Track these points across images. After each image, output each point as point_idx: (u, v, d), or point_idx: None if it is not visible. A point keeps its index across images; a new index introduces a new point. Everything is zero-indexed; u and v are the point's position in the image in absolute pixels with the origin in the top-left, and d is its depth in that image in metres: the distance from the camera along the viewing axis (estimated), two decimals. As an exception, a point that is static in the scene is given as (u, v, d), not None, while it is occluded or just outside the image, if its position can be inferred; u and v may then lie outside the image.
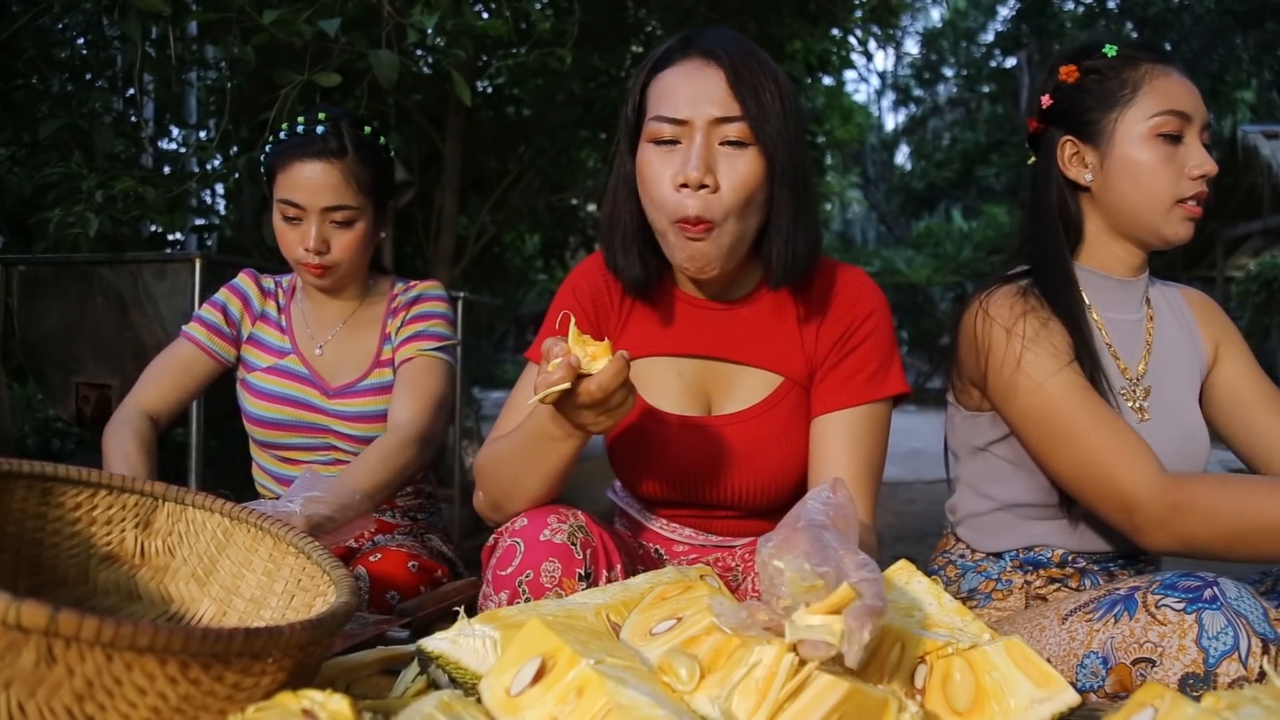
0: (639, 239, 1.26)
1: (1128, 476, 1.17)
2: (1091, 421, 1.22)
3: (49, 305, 2.69)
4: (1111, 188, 1.35)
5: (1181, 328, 1.46)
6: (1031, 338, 1.28)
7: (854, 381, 1.27)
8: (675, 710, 0.68)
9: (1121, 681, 1.04)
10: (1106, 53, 1.34)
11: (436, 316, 1.70)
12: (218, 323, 1.70)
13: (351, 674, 0.95)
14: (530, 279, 8.35)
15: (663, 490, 1.34)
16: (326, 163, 1.56)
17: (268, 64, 2.82)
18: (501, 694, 0.73)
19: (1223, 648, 0.99)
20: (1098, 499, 1.22)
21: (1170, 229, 1.33)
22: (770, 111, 1.15)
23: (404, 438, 1.52)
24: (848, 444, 1.25)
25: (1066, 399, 1.25)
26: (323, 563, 0.97)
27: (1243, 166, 11.00)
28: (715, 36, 1.19)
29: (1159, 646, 1.02)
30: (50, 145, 2.83)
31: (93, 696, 0.64)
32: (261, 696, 0.72)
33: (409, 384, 1.61)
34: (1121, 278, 1.40)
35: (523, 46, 3.46)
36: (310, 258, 1.59)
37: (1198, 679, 0.98)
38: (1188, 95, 1.32)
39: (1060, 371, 1.26)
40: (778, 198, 1.20)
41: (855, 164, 26.64)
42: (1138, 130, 1.31)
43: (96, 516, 1.02)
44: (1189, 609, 1.02)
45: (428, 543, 1.72)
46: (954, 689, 0.80)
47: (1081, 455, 1.22)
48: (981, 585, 1.40)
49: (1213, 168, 1.31)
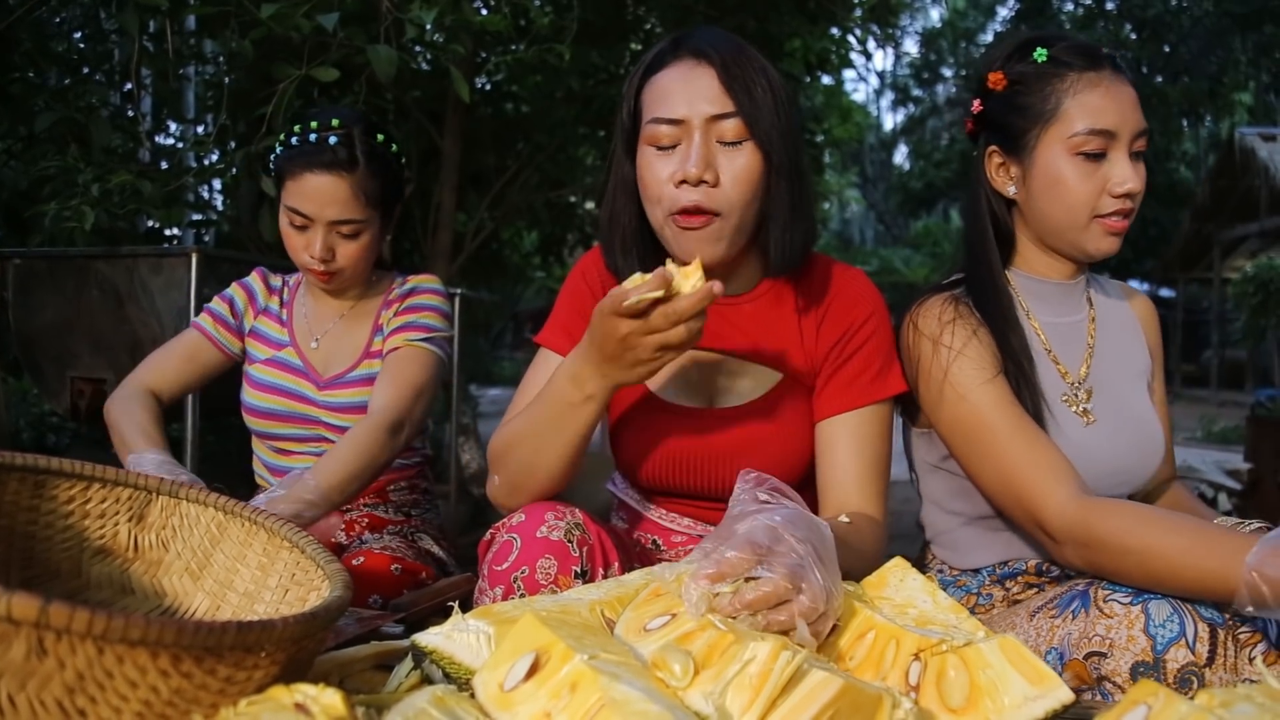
0: (638, 241, 1.29)
1: (1042, 497, 1.17)
2: (1011, 436, 1.22)
3: (44, 299, 2.68)
4: (1033, 202, 1.33)
5: (1125, 328, 1.45)
6: (958, 349, 1.28)
7: (857, 384, 1.29)
8: (669, 706, 0.68)
9: (1078, 676, 1.05)
10: (1036, 57, 1.30)
11: (428, 308, 1.70)
12: (223, 313, 1.74)
13: (345, 669, 0.94)
14: (528, 276, 8.33)
15: (662, 479, 1.35)
16: (336, 176, 1.55)
17: (266, 59, 2.81)
18: (495, 689, 0.73)
19: (1170, 634, 1.00)
20: (1016, 514, 1.23)
21: (1091, 244, 1.31)
22: (763, 106, 1.18)
23: (375, 424, 1.51)
24: (854, 445, 1.27)
25: (990, 412, 1.24)
26: (317, 557, 0.97)
27: (1240, 169, 11.02)
28: (704, 36, 1.21)
29: (1107, 639, 1.03)
30: (47, 139, 2.82)
31: (84, 689, 0.64)
32: (254, 690, 0.72)
33: (389, 372, 1.61)
34: (1060, 281, 1.39)
35: (522, 43, 3.45)
36: (315, 264, 1.60)
37: (1148, 666, 1.00)
38: (1114, 109, 1.26)
39: (986, 384, 1.26)
40: (775, 189, 1.22)
41: (854, 163, 26.65)
42: (1058, 148, 1.28)
43: (90, 510, 1.02)
44: (1135, 600, 1.04)
45: (417, 542, 1.71)
46: (948, 686, 0.80)
47: (1000, 469, 1.22)
48: (963, 599, 1.40)
49: (1135, 185, 1.27)
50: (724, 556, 0.83)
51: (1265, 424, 4.62)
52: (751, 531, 0.85)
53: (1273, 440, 4.39)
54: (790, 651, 0.71)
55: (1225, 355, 14.16)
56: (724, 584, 0.82)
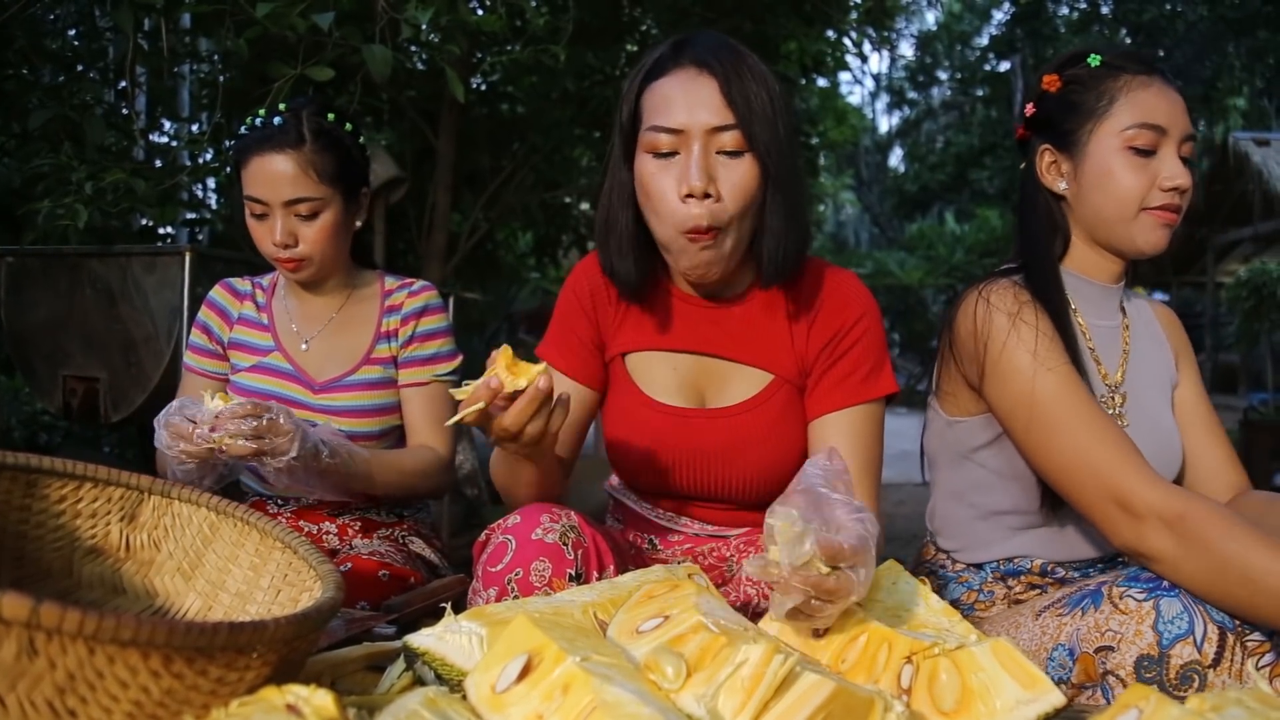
0: (635, 245, 1.29)
1: (1135, 470, 1.15)
2: (1096, 414, 1.22)
3: (37, 297, 2.67)
4: (1084, 197, 1.35)
5: (1151, 338, 1.47)
6: (1033, 325, 1.29)
7: (848, 383, 1.29)
8: (661, 708, 0.68)
9: (1087, 671, 1.06)
10: (1090, 62, 1.35)
11: (443, 334, 1.73)
12: (204, 344, 1.73)
13: (337, 670, 0.94)
14: (523, 277, 8.32)
15: (657, 480, 1.36)
16: (283, 154, 1.56)
17: (261, 58, 2.81)
18: (487, 691, 0.73)
19: (1177, 631, 1.01)
20: (1088, 490, 1.20)
21: (1142, 237, 1.32)
22: (763, 117, 1.17)
23: (443, 462, 1.65)
24: (846, 444, 1.27)
25: (1067, 388, 1.24)
26: (309, 558, 0.97)
27: (1234, 173, 11.05)
28: (706, 44, 1.21)
29: (1118, 634, 1.04)
30: (40, 136, 2.80)
31: (74, 690, 0.64)
32: (245, 691, 0.72)
33: (429, 412, 1.69)
34: (1104, 284, 1.41)
35: (517, 44, 3.45)
36: (280, 252, 1.59)
37: (1151, 660, 1.01)
38: (1165, 108, 1.31)
39: (1062, 363, 1.26)
40: (771, 200, 1.22)
41: (849, 166, 26.68)
42: (1110, 142, 1.31)
43: (81, 509, 1.02)
44: (1148, 597, 1.04)
45: (407, 545, 1.70)
46: (940, 689, 0.80)
47: (1081, 443, 1.20)
48: (964, 596, 1.40)
49: (1185, 181, 1.30)
50: (839, 543, 0.84)
51: (1258, 428, 4.65)
52: (855, 526, 0.88)
53: (1266, 444, 4.41)
54: (783, 655, 0.71)
55: (1218, 359, 14.22)
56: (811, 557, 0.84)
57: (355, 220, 1.70)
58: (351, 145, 1.66)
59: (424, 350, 1.70)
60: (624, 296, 1.35)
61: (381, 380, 1.68)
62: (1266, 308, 10.09)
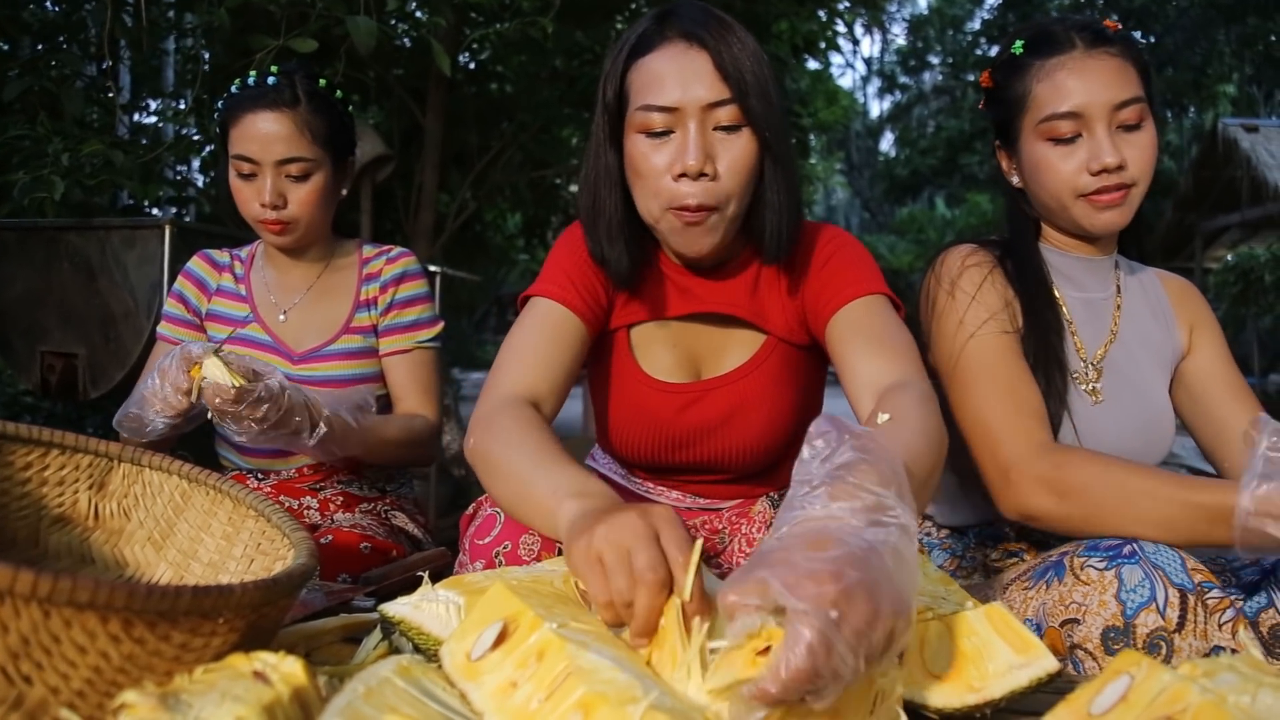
0: (624, 230, 1.21)
1: (1013, 435, 1.18)
2: (1006, 383, 1.23)
3: (14, 271, 2.62)
4: (1029, 188, 1.36)
5: (1154, 314, 1.43)
6: (968, 291, 1.31)
7: (841, 282, 1.21)
8: (637, 674, 0.66)
9: (1054, 645, 1.05)
10: (1014, 50, 1.32)
11: (423, 300, 1.70)
12: (180, 314, 1.69)
13: (312, 641, 0.92)
14: (511, 258, 8.28)
15: (651, 455, 1.32)
16: (279, 113, 1.54)
17: (244, 32, 2.77)
18: (462, 658, 0.71)
19: (1140, 599, 1.00)
20: (983, 457, 1.22)
21: (1086, 221, 1.30)
22: (758, 90, 1.11)
23: (432, 429, 1.64)
24: (864, 330, 1.16)
25: (988, 355, 1.25)
26: (283, 526, 0.94)
27: (1223, 159, 11.07)
28: (692, 15, 1.14)
29: (1082, 605, 1.03)
30: (18, 108, 2.76)
31: (29, 655, 0.61)
32: (211, 658, 0.69)
33: (415, 377, 1.68)
34: (1088, 256, 1.39)
35: (506, 19, 3.41)
36: (267, 214, 1.56)
37: (1118, 631, 1.00)
38: (1080, 88, 1.24)
39: (993, 332, 1.27)
40: (769, 174, 1.17)
41: (840, 149, 26.64)
42: (1032, 135, 1.30)
43: (48, 477, 0.99)
44: (1109, 565, 1.04)
45: (390, 520, 1.68)
46: (932, 653, 0.78)
47: (977, 412, 1.23)
48: (947, 563, 1.41)
49: (1112, 159, 1.23)
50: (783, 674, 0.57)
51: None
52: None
53: (1252, 427, 4.41)
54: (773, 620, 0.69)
55: (1205, 345, 14.26)
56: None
57: (341, 188, 1.68)
58: (342, 111, 1.65)
59: (404, 317, 1.67)
60: (616, 283, 1.27)
61: (362, 350, 1.65)
62: (1253, 293, 10.13)
